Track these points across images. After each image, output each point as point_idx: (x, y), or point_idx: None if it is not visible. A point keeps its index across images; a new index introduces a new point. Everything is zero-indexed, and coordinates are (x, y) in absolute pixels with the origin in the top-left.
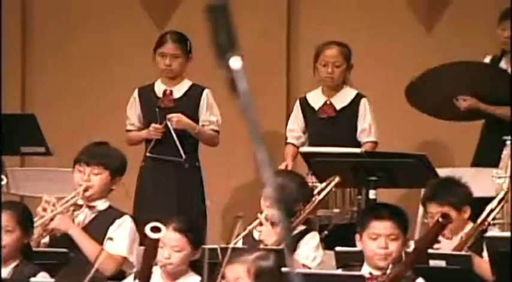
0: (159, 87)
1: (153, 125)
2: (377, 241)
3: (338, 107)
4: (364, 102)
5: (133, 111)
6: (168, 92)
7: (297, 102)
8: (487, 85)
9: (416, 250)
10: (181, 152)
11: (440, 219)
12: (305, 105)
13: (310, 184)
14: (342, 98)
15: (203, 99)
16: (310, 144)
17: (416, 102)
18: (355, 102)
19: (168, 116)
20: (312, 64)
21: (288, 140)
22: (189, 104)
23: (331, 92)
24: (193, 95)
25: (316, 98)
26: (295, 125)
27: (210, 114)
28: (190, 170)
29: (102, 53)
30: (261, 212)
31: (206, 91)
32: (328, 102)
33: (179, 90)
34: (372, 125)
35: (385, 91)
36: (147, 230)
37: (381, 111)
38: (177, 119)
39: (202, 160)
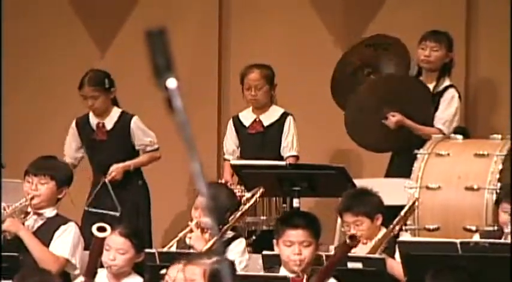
0: (93, 120)
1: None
2: (291, 248)
3: (266, 123)
4: (289, 120)
5: (70, 143)
6: (100, 125)
7: (230, 121)
8: (412, 101)
9: (326, 268)
10: (118, 207)
11: (347, 241)
12: (237, 123)
13: (239, 193)
14: (270, 116)
15: (132, 127)
16: (242, 158)
17: (359, 140)
18: (281, 120)
19: (108, 173)
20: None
21: (225, 156)
22: (120, 133)
23: (259, 111)
24: (123, 124)
25: (246, 116)
26: (229, 141)
27: (143, 137)
28: (134, 189)
29: (50, 77)
30: (192, 220)
31: (134, 119)
32: (257, 120)
33: (110, 121)
34: (294, 140)
35: (307, 108)
36: (94, 229)
37: (304, 126)
38: (114, 176)
39: (146, 176)
